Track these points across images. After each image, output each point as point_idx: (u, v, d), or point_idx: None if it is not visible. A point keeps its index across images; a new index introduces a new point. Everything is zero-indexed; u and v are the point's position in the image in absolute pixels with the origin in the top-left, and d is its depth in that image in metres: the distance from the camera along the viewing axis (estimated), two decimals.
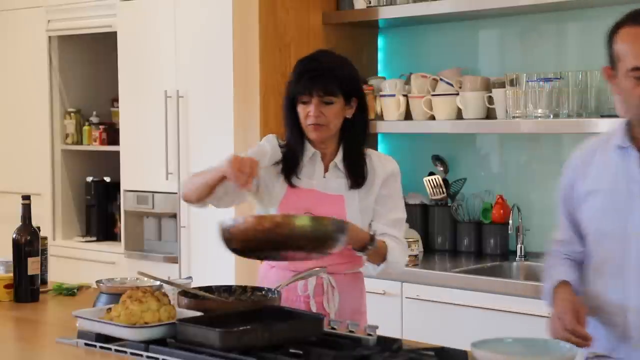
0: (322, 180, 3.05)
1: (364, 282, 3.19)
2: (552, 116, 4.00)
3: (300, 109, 3.00)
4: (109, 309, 2.56)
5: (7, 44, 5.89)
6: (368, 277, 4.08)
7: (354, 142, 3.06)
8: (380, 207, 3.05)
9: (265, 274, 3.10)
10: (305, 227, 2.63)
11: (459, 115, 4.34)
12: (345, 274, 3.07)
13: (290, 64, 4.04)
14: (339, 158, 3.05)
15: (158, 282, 2.84)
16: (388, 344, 2.42)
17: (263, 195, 3.06)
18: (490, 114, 4.29)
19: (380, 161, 3.09)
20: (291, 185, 3.04)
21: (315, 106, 2.97)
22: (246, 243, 2.64)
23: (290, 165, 3.05)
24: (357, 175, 3.04)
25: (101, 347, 2.50)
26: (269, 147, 3.09)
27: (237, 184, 2.83)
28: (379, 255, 2.99)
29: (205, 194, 2.96)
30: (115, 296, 2.77)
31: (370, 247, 2.93)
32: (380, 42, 4.97)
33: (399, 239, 3.04)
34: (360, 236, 2.93)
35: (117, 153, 5.29)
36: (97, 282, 2.95)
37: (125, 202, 5.21)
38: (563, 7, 4.20)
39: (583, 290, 2.65)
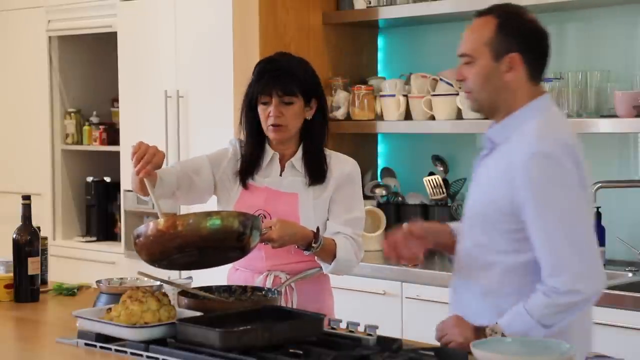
0: (277, 179, 3.05)
1: (329, 283, 3.17)
2: None
3: (261, 110, 3.02)
4: (109, 309, 2.56)
5: (7, 44, 5.89)
6: (367, 278, 4.12)
7: (313, 143, 3.07)
8: (336, 208, 3.05)
9: (231, 276, 3.13)
10: (199, 223, 2.60)
11: (459, 115, 4.34)
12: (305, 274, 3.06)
13: None
14: (295, 157, 3.05)
15: (158, 282, 2.84)
16: (388, 344, 2.42)
17: (221, 195, 3.10)
18: None
19: (339, 163, 3.08)
20: (245, 185, 3.05)
21: (275, 106, 2.98)
22: (154, 249, 2.62)
23: (248, 167, 3.06)
24: (317, 173, 3.03)
25: (101, 347, 2.50)
26: (231, 150, 3.13)
27: (134, 170, 2.82)
28: (328, 253, 2.97)
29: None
30: (115, 296, 2.77)
31: (315, 245, 2.91)
32: (380, 42, 4.97)
33: (352, 237, 3.02)
34: (303, 233, 2.91)
35: (117, 153, 5.29)
36: (97, 282, 2.95)
37: (125, 202, 5.21)
38: (563, 7, 4.20)
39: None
